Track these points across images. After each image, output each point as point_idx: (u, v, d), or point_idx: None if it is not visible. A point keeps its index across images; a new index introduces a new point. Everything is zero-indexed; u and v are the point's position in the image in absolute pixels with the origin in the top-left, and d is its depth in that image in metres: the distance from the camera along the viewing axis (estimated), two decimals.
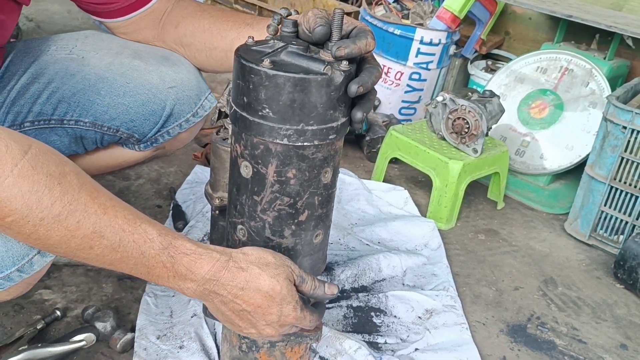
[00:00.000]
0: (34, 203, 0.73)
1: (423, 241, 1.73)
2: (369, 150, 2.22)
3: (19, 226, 0.75)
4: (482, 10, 2.47)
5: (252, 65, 0.82)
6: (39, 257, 0.89)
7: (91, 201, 0.78)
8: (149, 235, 0.81)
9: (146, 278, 0.84)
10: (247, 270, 0.85)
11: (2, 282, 0.88)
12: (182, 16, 1.22)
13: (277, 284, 0.85)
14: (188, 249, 0.84)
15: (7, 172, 0.72)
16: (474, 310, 1.50)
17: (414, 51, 2.35)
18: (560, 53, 2.18)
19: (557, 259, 1.80)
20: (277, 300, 0.86)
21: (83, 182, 0.79)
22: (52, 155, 0.78)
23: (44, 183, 0.74)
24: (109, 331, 1.20)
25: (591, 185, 1.85)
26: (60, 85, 1.18)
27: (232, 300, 0.86)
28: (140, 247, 0.80)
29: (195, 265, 0.83)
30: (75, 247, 0.78)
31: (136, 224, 0.81)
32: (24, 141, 0.76)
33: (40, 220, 0.74)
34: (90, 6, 1.20)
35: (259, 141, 0.87)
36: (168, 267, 0.82)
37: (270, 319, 0.88)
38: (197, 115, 1.26)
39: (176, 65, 1.22)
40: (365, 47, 0.85)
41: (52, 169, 0.76)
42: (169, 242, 0.82)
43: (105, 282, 1.40)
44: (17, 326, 1.23)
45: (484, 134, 1.83)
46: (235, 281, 0.85)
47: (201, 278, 0.84)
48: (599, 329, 1.51)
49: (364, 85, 0.84)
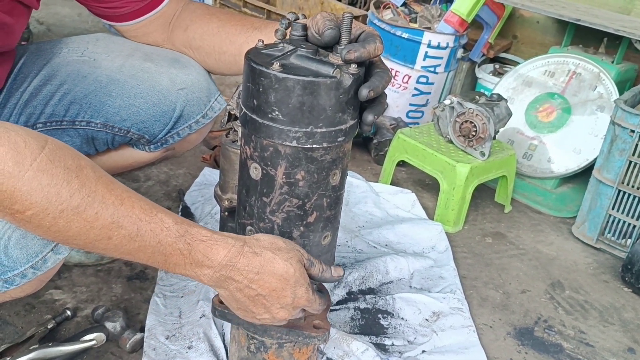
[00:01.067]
0: (53, 196, 0.75)
1: (430, 244, 1.74)
2: (377, 153, 2.22)
3: (39, 219, 0.76)
4: (489, 14, 2.47)
5: (262, 68, 0.83)
6: (52, 254, 0.90)
7: (108, 193, 0.79)
8: (166, 224, 0.82)
9: (163, 267, 0.85)
10: (262, 255, 0.86)
11: (16, 278, 0.89)
12: (191, 19, 1.23)
13: (291, 267, 0.87)
14: (204, 235, 0.85)
15: (26, 166, 0.74)
16: (481, 313, 1.50)
17: (422, 55, 2.36)
18: (568, 57, 2.18)
19: (564, 262, 1.80)
20: (291, 283, 0.88)
21: (99, 175, 0.80)
22: (68, 150, 0.80)
23: (62, 176, 0.76)
24: (118, 331, 1.21)
25: (599, 189, 1.85)
26: (72, 87, 1.19)
27: (247, 285, 0.87)
28: (158, 235, 0.82)
29: (211, 251, 0.84)
30: (94, 237, 0.79)
31: (152, 213, 0.82)
32: (41, 137, 0.78)
33: (60, 213, 0.76)
34: (101, 10, 1.22)
35: (269, 143, 0.88)
36: (185, 255, 0.84)
37: (285, 302, 0.89)
38: (206, 117, 1.27)
39: (186, 68, 1.23)
40: (374, 51, 0.86)
41: (69, 162, 0.77)
42: (185, 230, 0.84)
43: (114, 282, 1.41)
44: (28, 325, 1.24)
45: (491, 137, 1.83)
46: (251, 266, 0.86)
47: (217, 264, 0.85)
48: (607, 333, 1.51)
49: (375, 90, 0.85)
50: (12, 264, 0.87)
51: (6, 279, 0.89)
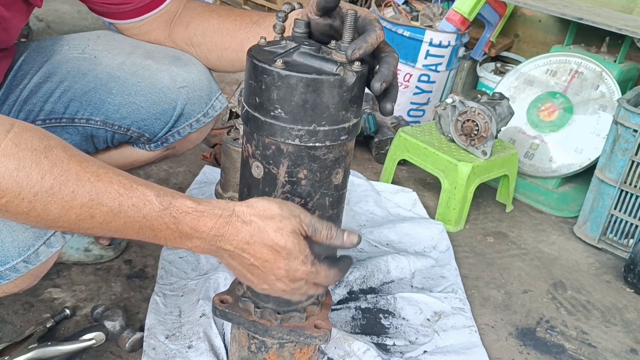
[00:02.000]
0: (23, 179, 0.73)
1: (432, 243, 1.73)
2: (378, 152, 2.21)
3: (15, 205, 0.74)
4: (491, 12, 2.46)
5: (265, 65, 0.82)
6: (44, 247, 0.89)
7: (82, 170, 0.77)
8: (147, 197, 0.79)
9: (155, 241, 0.83)
10: (251, 224, 0.82)
11: (8, 273, 0.88)
12: (192, 17, 1.22)
13: (282, 238, 0.82)
14: (189, 207, 0.81)
15: None
16: (483, 313, 1.50)
17: (423, 53, 2.35)
18: (570, 56, 2.17)
19: (566, 262, 1.79)
20: (283, 255, 0.83)
21: (71, 153, 0.78)
22: (36, 132, 0.78)
23: (30, 158, 0.74)
24: (118, 330, 1.20)
25: (601, 189, 1.84)
26: (72, 84, 1.18)
27: (239, 254, 0.84)
28: (141, 210, 0.79)
29: (198, 223, 0.81)
30: (75, 218, 0.77)
31: (132, 187, 0.79)
32: (6, 121, 0.76)
33: (34, 196, 0.74)
34: (103, 7, 1.21)
35: (271, 141, 0.87)
36: (172, 229, 0.81)
37: (279, 274, 0.85)
38: (207, 116, 1.26)
39: (187, 65, 1.22)
40: (376, 40, 0.86)
41: (37, 144, 0.75)
42: (169, 202, 0.81)
43: (114, 281, 1.40)
44: (26, 324, 1.23)
45: (493, 137, 1.82)
46: (240, 235, 0.82)
47: (207, 235, 0.82)
48: (609, 333, 1.50)
49: (386, 80, 0.84)
50: (4, 258, 0.86)
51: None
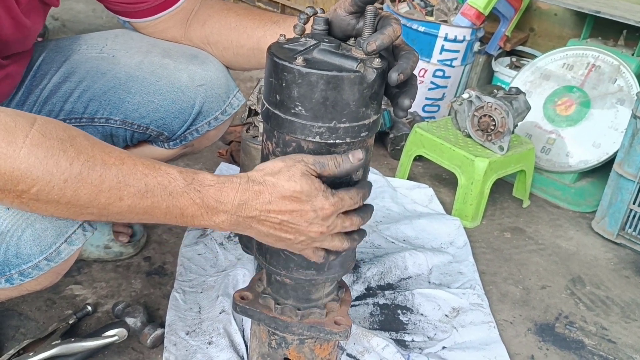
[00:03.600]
0: (53, 167, 0.75)
1: (449, 239, 1.73)
2: (393, 148, 2.21)
3: (46, 193, 0.76)
4: (506, 6, 2.44)
5: (285, 63, 0.83)
6: (66, 245, 0.90)
7: (107, 156, 0.79)
8: (171, 175, 0.82)
9: (182, 221, 0.84)
10: (265, 184, 0.85)
11: (30, 271, 0.89)
12: (209, 14, 1.23)
13: (296, 184, 0.84)
14: (210, 179, 0.84)
15: (20, 144, 0.74)
16: (501, 309, 1.49)
17: (438, 48, 2.34)
18: (587, 49, 2.15)
19: (584, 257, 1.78)
20: (304, 199, 0.84)
21: (93, 142, 0.80)
22: (58, 123, 0.80)
23: (58, 147, 0.76)
24: (139, 326, 1.21)
25: (619, 183, 1.83)
26: (91, 84, 1.19)
27: (266, 216, 0.85)
28: (167, 187, 0.81)
29: (221, 194, 0.83)
30: (105, 201, 0.79)
31: (156, 167, 0.81)
32: (29, 114, 0.78)
33: (64, 182, 0.76)
34: (119, 6, 1.21)
35: (291, 139, 0.87)
36: (198, 203, 0.83)
37: (309, 217, 0.86)
38: (225, 113, 1.26)
39: (205, 64, 1.23)
40: (394, 33, 0.85)
41: (61, 133, 0.78)
42: (192, 178, 0.83)
43: (134, 277, 1.42)
44: (49, 321, 1.25)
45: (510, 132, 1.81)
46: (261, 197, 0.84)
47: (231, 206, 0.84)
48: (629, 329, 1.49)
49: (404, 72, 0.84)
50: (26, 256, 0.87)
51: (21, 271, 0.89)
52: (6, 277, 0.89)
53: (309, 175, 0.85)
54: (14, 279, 0.90)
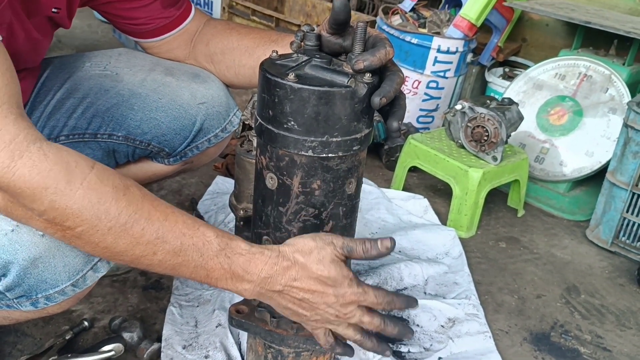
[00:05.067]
0: (102, 213, 0.78)
1: (444, 249, 1.73)
2: (388, 159, 2.22)
3: (89, 235, 0.79)
4: (498, 17, 2.47)
5: (277, 79, 0.84)
6: (92, 272, 0.92)
7: (153, 209, 0.82)
8: (207, 237, 0.84)
9: (205, 281, 0.86)
10: (295, 262, 0.88)
11: (56, 296, 0.91)
12: (212, 34, 1.25)
13: (324, 269, 0.87)
14: (243, 249, 0.86)
15: (77, 185, 0.77)
16: (497, 319, 1.50)
17: (431, 60, 2.36)
18: (579, 59, 2.17)
19: (579, 266, 1.79)
20: (330, 284, 0.88)
21: (144, 193, 0.83)
22: (114, 172, 0.83)
23: (111, 194, 0.79)
24: (135, 341, 1.22)
25: (612, 192, 1.84)
26: (94, 101, 1.21)
27: (289, 292, 0.88)
28: (200, 249, 0.83)
29: (250, 265, 0.86)
30: (139, 253, 0.82)
31: (195, 227, 0.84)
32: (88, 159, 0.81)
33: (108, 230, 0.79)
34: (127, 27, 1.24)
35: (284, 153, 0.88)
36: (226, 269, 0.85)
37: (329, 301, 0.89)
38: (225, 131, 1.28)
39: (206, 82, 1.25)
40: (385, 56, 0.87)
41: (117, 182, 0.81)
42: (226, 243, 0.85)
43: (130, 292, 1.42)
44: (46, 337, 1.25)
45: (503, 142, 1.83)
46: (288, 275, 0.87)
47: (257, 277, 0.86)
48: (624, 337, 1.50)
49: (387, 96, 0.85)
50: (54, 282, 0.89)
51: (47, 295, 0.91)
52: (32, 300, 0.91)
53: (338, 261, 0.89)
54: (39, 303, 0.92)
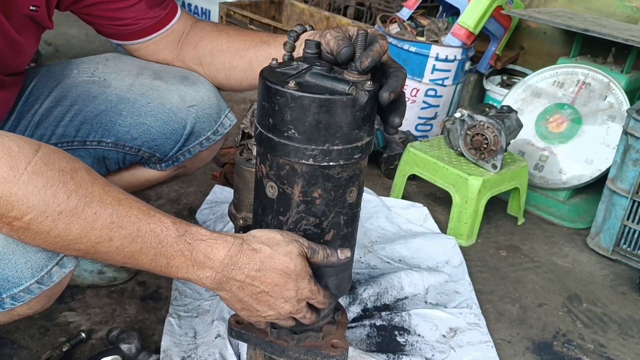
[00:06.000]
0: (50, 197, 0.75)
1: (444, 258, 1.72)
2: (387, 167, 2.22)
3: (38, 223, 0.76)
4: (496, 25, 2.47)
5: (278, 87, 0.83)
6: (57, 268, 0.89)
7: (105, 194, 0.79)
8: (165, 223, 0.82)
9: (166, 271, 0.84)
10: (261, 251, 0.86)
11: (22, 294, 0.88)
12: (200, 36, 1.24)
13: (291, 261, 0.86)
14: (203, 234, 0.85)
15: (21, 170, 0.74)
16: (499, 328, 1.48)
17: (430, 68, 2.36)
18: (577, 67, 2.17)
19: (580, 274, 1.78)
20: (293, 277, 0.87)
21: (94, 177, 0.81)
22: (61, 153, 0.80)
23: (58, 178, 0.76)
24: (134, 353, 1.20)
25: (613, 200, 1.83)
26: (82, 108, 1.19)
27: (250, 283, 0.86)
28: (158, 235, 0.81)
29: (212, 250, 0.84)
30: (95, 239, 0.79)
31: (150, 214, 0.82)
32: (34, 142, 0.78)
33: (58, 215, 0.76)
34: (110, 29, 1.22)
35: (285, 162, 0.87)
36: (186, 255, 0.83)
37: (288, 295, 0.88)
38: (217, 133, 1.27)
39: (196, 84, 1.23)
40: (381, 48, 0.87)
41: (64, 165, 0.78)
42: (185, 230, 0.83)
43: (128, 303, 1.40)
44: (43, 349, 1.23)
45: (503, 150, 1.82)
46: (252, 263, 0.85)
47: (219, 264, 0.84)
48: (627, 346, 1.49)
49: (395, 91, 0.85)
50: (17, 280, 0.86)
51: (12, 295, 0.87)
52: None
53: (304, 257, 0.88)
54: (5, 303, 0.88)
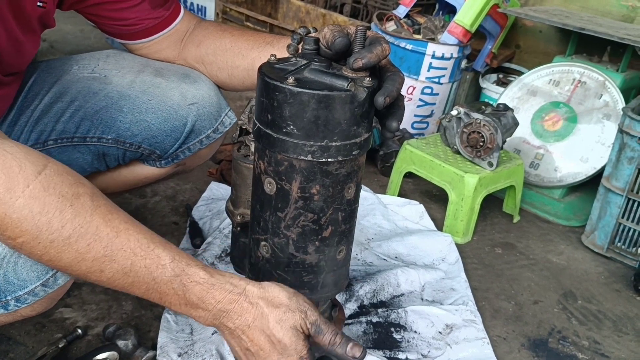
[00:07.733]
0: (44, 225, 0.74)
1: (440, 255, 1.73)
2: (383, 165, 2.22)
3: (30, 247, 0.75)
4: (492, 24, 2.48)
5: (277, 83, 0.83)
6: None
7: (104, 224, 0.77)
8: (162, 261, 0.80)
9: (159, 303, 0.83)
10: (256, 308, 0.83)
11: (27, 297, 0.88)
12: (204, 35, 1.24)
13: (280, 331, 0.82)
14: (201, 277, 0.82)
15: (18, 192, 0.72)
16: (494, 325, 1.49)
17: (426, 66, 2.36)
18: (573, 65, 2.18)
19: (575, 272, 1.79)
20: (278, 349, 0.82)
21: (97, 204, 0.78)
22: (68, 176, 0.78)
23: (55, 205, 0.74)
24: (130, 349, 1.20)
25: (608, 198, 1.84)
26: (83, 104, 1.19)
27: (239, 335, 0.84)
28: (152, 272, 0.79)
29: (206, 295, 0.82)
30: (85, 270, 0.78)
31: (149, 248, 0.80)
32: (40, 161, 0.76)
33: (50, 243, 0.75)
34: (114, 28, 1.22)
35: (283, 158, 0.87)
36: (180, 295, 0.81)
37: None
38: (217, 132, 1.27)
39: (197, 82, 1.23)
40: (382, 52, 0.86)
41: (65, 190, 0.76)
42: (182, 270, 0.81)
43: (124, 299, 1.40)
44: (39, 345, 1.23)
45: (499, 148, 1.83)
46: (243, 317, 0.83)
47: (213, 308, 0.82)
48: (621, 343, 1.50)
49: (390, 95, 0.85)
50: (23, 282, 0.86)
51: (17, 297, 0.88)
52: (2, 303, 0.88)
53: (298, 332, 0.83)
54: (9, 305, 0.89)
